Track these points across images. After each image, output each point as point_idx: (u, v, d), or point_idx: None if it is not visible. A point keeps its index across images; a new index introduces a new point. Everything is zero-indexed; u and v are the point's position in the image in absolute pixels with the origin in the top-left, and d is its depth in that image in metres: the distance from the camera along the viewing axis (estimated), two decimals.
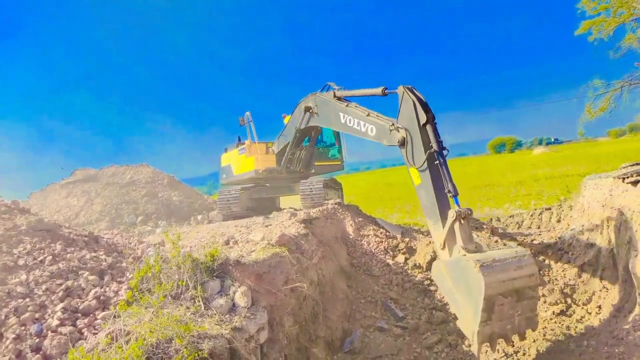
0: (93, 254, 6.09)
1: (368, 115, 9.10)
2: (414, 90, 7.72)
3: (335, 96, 10.56)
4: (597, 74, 18.09)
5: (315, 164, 15.39)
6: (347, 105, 9.92)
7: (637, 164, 9.40)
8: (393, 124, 8.16)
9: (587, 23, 17.14)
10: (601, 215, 9.47)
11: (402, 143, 7.87)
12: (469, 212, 6.91)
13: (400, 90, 7.79)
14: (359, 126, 9.32)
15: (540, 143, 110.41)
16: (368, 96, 9.54)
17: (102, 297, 4.83)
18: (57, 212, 17.25)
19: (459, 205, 6.92)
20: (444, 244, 7.04)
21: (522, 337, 6.63)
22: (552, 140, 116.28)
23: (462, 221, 6.84)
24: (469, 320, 6.24)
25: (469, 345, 6.60)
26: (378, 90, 8.90)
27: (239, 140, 16.19)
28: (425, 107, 7.48)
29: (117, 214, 16.50)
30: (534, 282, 6.48)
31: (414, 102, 7.51)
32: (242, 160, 15.12)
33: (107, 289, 5.07)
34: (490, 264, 6.08)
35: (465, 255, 6.41)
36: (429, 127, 7.40)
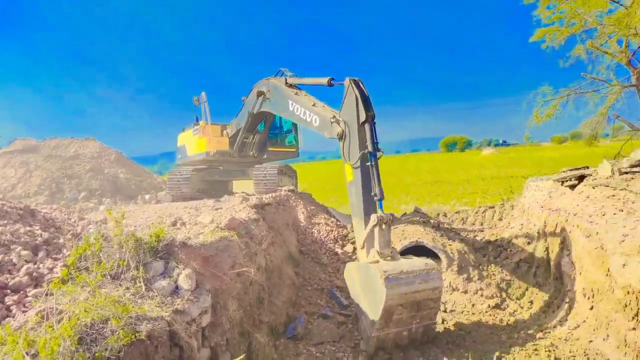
0: (28, 228, 5.75)
1: (314, 105, 9.06)
2: (360, 84, 7.65)
3: (287, 83, 10.47)
4: (547, 81, 18.94)
5: (270, 149, 15.28)
6: (296, 93, 9.86)
7: (576, 169, 9.96)
8: (334, 116, 8.14)
9: (542, 31, 17.86)
10: (540, 215, 9.99)
11: (341, 137, 7.88)
12: (391, 218, 7.03)
13: (346, 82, 7.74)
14: (304, 115, 9.30)
15: (489, 144, 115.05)
16: (316, 85, 9.50)
17: (34, 274, 4.57)
18: None
19: (382, 210, 7.01)
20: (364, 245, 7.26)
21: (418, 343, 6.82)
22: (500, 142, 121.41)
23: (383, 226, 6.94)
24: (368, 324, 6.52)
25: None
26: (324, 80, 8.80)
27: (197, 120, 15.83)
28: (367, 104, 7.44)
29: (57, 189, 15.67)
30: (437, 294, 6.71)
31: (356, 97, 7.49)
32: (196, 141, 14.79)
33: (41, 265, 4.80)
34: (396, 276, 6.29)
35: (378, 261, 6.64)
36: (367, 126, 7.35)
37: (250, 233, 7.55)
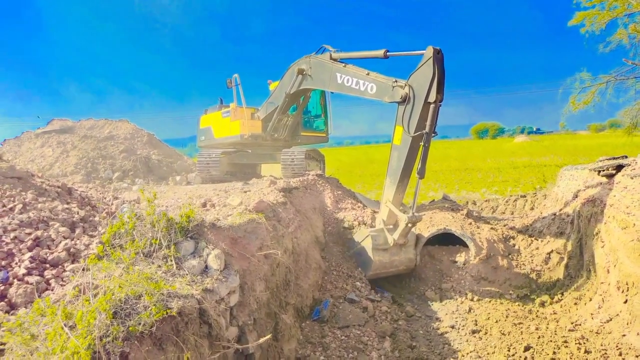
0: (65, 206, 5.96)
1: (368, 74, 9.16)
2: (441, 60, 7.60)
3: (331, 58, 10.46)
4: (585, 67, 18.18)
5: (302, 133, 15.27)
6: (344, 66, 9.90)
7: (614, 159, 9.60)
8: (396, 81, 8.32)
9: (581, 14, 17.11)
10: (574, 205, 9.71)
11: (404, 100, 7.99)
12: (420, 219, 8.50)
13: (428, 51, 7.64)
14: (357, 85, 9.38)
15: (522, 132, 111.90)
16: (367, 59, 9.60)
17: (72, 250, 4.75)
18: (30, 162, 16.84)
19: (413, 208, 8.31)
20: (387, 212, 8.82)
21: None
22: (534, 129, 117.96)
23: (409, 225, 8.34)
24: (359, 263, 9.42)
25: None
26: (380, 53, 8.91)
27: (222, 102, 15.85)
28: (441, 85, 7.58)
29: (93, 168, 16.16)
30: (409, 269, 9.65)
31: (434, 74, 7.47)
32: (226, 124, 14.86)
33: (78, 241, 4.98)
34: (382, 272, 9.27)
35: (386, 250, 9.00)
36: (432, 107, 7.54)
37: (278, 216, 7.62)
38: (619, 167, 8.87)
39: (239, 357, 4.80)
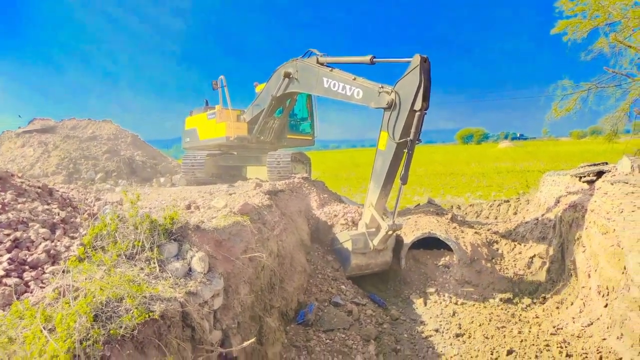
0: (46, 207, 5.84)
1: (354, 79, 9.13)
2: (428, 69, 7.58)
3: (318, 62, 10.44)
4: (567, 74, 18.54)
5: (288, 136, 15.23)
6: (331, 70, 9.87)
7: (595, 165, 9.78)
8: (382, 87, 8.31)
9: (564, 23, 17.46)
10: (556, 210, 9.85)
11: (390, 105, 7.99)
12: (400, 227, 8.65)
13: (415, 59, 7.62)
14: (343, 90, 9.35)
15: (506, 137, 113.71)
16: (353, 64, 9.58)
17: (52, 251, 4.65)
18: (11, 161, 16.49)
19: (394, 215, 8.43)
20: (369, 216, 8.97)
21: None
22: (518, 135, 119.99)
23: (390, 232, 8.48)
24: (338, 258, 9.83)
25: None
26: (366, 59, 8.89)
27: (207, 104, 15.74)
28: (427, 94, 7.57)
29: (75, 169, 15.88)
30: (384, 268, 9.82)
31: (420, 84, 7.46)
32: (211, 126, 14.74)
33: (58, 243, 4.88)
34: (358, 272, 9.46)
35: (364, 254, 9.21)
36: (417, 115, 7.55)
37: (263, 219, 7.58)
38: (600, 174, 9.04)
39: None
